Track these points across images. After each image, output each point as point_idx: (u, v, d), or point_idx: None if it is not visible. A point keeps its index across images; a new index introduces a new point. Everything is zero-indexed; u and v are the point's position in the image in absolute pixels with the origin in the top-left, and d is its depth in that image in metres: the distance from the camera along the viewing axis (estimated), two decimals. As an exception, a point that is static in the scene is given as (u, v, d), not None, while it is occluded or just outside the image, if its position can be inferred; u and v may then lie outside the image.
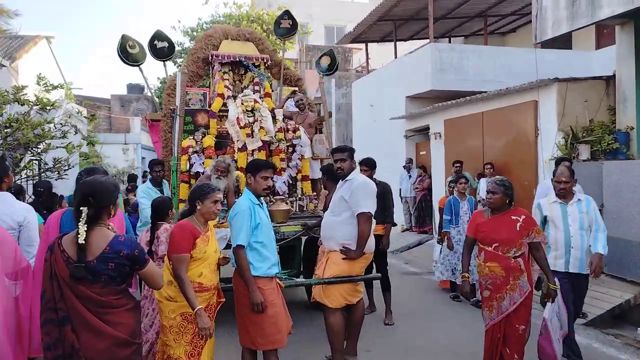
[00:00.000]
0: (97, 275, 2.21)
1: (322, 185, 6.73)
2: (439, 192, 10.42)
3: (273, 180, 5.30)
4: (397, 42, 14.36)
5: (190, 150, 5.64)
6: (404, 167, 11.39)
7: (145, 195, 5.41)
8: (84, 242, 2.19)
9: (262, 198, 3.44)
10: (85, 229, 2.21)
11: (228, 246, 4.96)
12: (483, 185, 8.21)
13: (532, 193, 7.47)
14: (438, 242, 6.33)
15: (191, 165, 5.61)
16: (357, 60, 22.19)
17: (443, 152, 10.14)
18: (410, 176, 11.36)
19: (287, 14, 6.80)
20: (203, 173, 5.47)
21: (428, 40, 15.97)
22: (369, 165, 5.23)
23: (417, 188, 11.04)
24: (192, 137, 5.74)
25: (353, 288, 3.87)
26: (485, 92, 9.04)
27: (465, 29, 15.06)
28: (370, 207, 3.72)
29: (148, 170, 5.65)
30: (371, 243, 3.91)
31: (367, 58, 15.29)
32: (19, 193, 4.27)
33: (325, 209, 4.70)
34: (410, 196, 11.32)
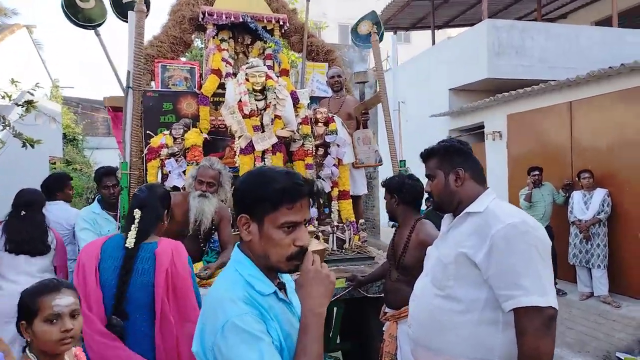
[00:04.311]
0: None
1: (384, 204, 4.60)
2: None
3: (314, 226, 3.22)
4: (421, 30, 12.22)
5: (164, 151, 3.54)
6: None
7: (89, 225, 3.31)
8: None
9: (288, 275, 1.33)
10: None
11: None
12: (578, 200, 6.00)
13: (665, 214, 5.26)
14: None
15: (165, 177, 3.52)
16: (372, 60, 20.22)
17: (505, 156, 7.96)
18: (456, 186, 9.17)
19: (312, -43, 4.71)
20: (183, 188, 3.39)
21: (466, 29, 13.95)
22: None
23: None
24: (167, 132, 3.66)
25: None
26: (555, 80, 6.88)
27: (511, 13, 12.88)
28: (550, 290, 1.48)
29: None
30: None
31: (396, 48, 13.12)
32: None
33: (397, 260, 2.55)
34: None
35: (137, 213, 2.19)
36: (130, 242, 2.11)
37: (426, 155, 1.82)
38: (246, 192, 1.21)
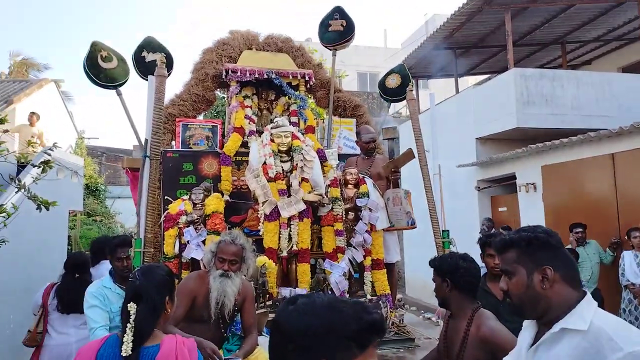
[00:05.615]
0: None
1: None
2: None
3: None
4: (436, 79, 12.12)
5: (183, 219, 3.27)
6: (482, 232, 8.48)
7: (98, 302, 2.99)
8: None
9: None
10: None
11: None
12: (630, 262, 5.47)
13: None
14: None
15: (183, 247, 3.23)
16: (392, 106, 20.18)
17: (541, 209, 7.49)
18: (489, 241, 8.55)
19: (338, 12, 4.58)
20: (201, 261, 3.08)
21: (487, 76, 13.83)
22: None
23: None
24: (187, 197, 3.40)
25: None
26: (594, 130, 6.56)
27: (534, 60, 12.74)
28: None
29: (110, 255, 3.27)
30: None
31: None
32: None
33: (454, 359, 2.14)
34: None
35: (132, 307, 1.78)
36: (126, 348, 1.71)
37: (502, 246, 1.47)
38: (325, 333, 0.90)
